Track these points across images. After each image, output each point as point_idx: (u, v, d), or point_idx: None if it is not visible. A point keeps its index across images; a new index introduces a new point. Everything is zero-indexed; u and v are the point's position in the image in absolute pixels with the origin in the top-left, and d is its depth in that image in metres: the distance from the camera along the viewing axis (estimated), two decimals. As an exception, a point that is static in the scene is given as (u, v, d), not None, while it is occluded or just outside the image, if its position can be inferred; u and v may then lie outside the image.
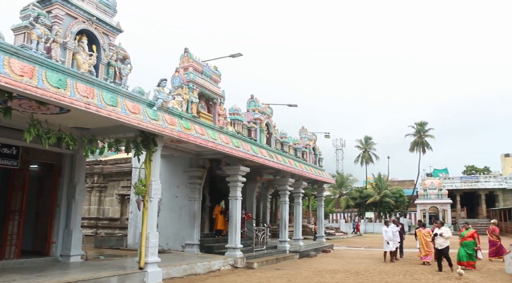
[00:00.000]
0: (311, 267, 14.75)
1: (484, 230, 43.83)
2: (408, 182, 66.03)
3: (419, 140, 58.58)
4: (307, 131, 22.73)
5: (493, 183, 49.14)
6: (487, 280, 11.27)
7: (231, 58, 14.90)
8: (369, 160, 63.49)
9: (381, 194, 52.37)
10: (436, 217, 44.57)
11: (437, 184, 46.08)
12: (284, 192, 18.92)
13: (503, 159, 76.21)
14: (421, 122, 59.16)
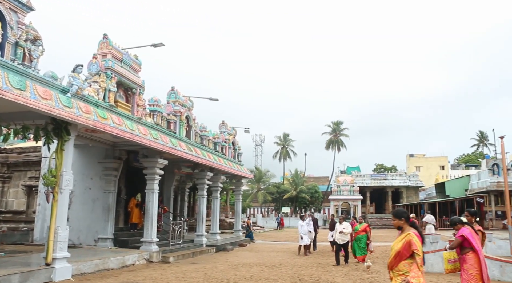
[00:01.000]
0: (227, 260, 14.84)
1: (390, 224, 47.07)
2: (323, 178, 68.93)
3: (335, 139, 61.39)
4: (227, 126, 22.79)
5: (398, 181, 52.75)
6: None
7: (152, 47, 14.49)
8: (287, 156, 65.34)
9: (297, 189, 54.16)
10: (347, 212, 46.99)
11: (350, 180, 48.56)
12: (202, 185, 18.84)
13: (408, 158, 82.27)
14: (337, 122, 62.03)
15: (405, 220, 4.87)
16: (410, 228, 4.81)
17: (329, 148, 61.79)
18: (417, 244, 4.58)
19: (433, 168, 77.96)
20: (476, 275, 6.03)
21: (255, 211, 59.86)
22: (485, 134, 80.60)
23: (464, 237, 6.24)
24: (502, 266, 10.27)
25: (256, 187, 57.85)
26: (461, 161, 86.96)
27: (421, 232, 4.81)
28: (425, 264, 11.68)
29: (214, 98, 21.11)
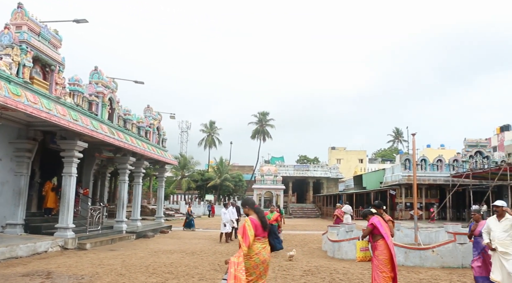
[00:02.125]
0: (147, 247, 14.56)
1: (310, 213, 48.80)
2: (248, 167, 69.70)
3: (261, 129, 62.23)
4: (153, 111, 22.19)
5: (320, 172, 54.74)
6: (307, 257, 12.51)
7: (75, 23, 13.65)
8: (212, 144, 65.16)
9: (221, 177, 54.28)
10: (270, 201, 47.96)
11: (273, 170, 49.50)
12: (124, 170, 18.27)
13: (330, 151, 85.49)
14: (263, 112, 62.87)
15: (249, 207, 5.51)
16: (252, 214, 5.42)
17: (255, 138, 62.59)
18: (246, 228, 5.16)
19: (353, 161, 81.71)
20: (385, 261, 6.42)
21: (179, 198, 59.20)
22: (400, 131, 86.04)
23: (373, 225, 6.61)
24: (406, 252, 11.04)
25: (180, 173, 57.17)
26: (378, 155, 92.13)
27: (262, 218, 5.38)
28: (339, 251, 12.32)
29: (139, 82, 20.42)
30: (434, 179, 37.76)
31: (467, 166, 37.84)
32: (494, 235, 6.87)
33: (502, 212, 6.94)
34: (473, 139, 40.47)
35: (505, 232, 6.78)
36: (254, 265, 5.18)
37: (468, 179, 34.30)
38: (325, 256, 12.93)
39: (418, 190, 37.12)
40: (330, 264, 11.06)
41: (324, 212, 46.24)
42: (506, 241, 6.72)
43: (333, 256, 12.65)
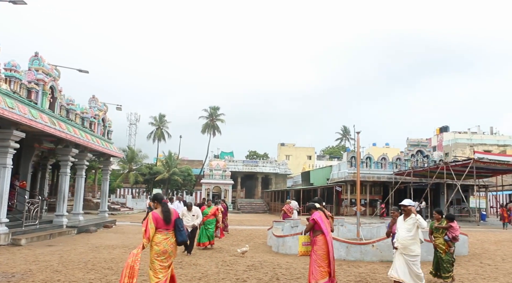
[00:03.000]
0: (88, 242, 14.06)
1: (258, 208, 49.09)
2: (197, 161, 69.10)
3: (211, 123, 61.79)
4: (98, 101, 21.38)
5: (269, 168, 55.18)
6: (252, 252, 12.53)
7: (12, 4, 12.84)
8: (161, 137, 64.00)
9: (170, 171, 53.46)
10: (218, 196, 47.82)
11: (222, 165, 49.39)
12: (66, 162, 17.52)
13: (279, 147, 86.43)
14: (214, 107, 62.45)
15: (157, 202, 6.02)
16: (158, 208, 5.95)
17: (205, 132, 62.07)
18: (147, 221, 5.75)
19: (302, 157, 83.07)
20: (323, 255, 6.52)
21: (125, 192, 57.80)
22: (348, 129, 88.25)
23: (315, 220, 6.70)
24: (348, 247, 11.32)
25: (127, 167, 55.73)
26: (326, 152, 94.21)
27: (165, 212, 5.86)
28: (283, 246, 12.44)
29: (84, 70, 19.59)
30: (378, 176, 39.06)
31: (409, 164, 39.43)
32: (398, 235, 7.02)
33: (408, 211, 7.06)
34: (415, 139, 42.21)
35: (408, 231, 6.88)
36: (155, 254, 5.79)
37: (409, 176, 35.79)
38: (270, 251, 13.02)
39: (362, 187, 38.30)
40: (274, 259, 11.13)
41: (272, 208, 46.69)
42: (408, 241, 6.83)
43: (277, 251, 12.75)
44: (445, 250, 8.52)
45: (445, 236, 8.55)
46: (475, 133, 74.93)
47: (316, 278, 6.39)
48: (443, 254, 8.52)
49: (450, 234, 8.50)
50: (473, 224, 28.95)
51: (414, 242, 6.95)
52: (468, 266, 10.73)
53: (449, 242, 8.52)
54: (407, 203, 7.11)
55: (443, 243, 8.54)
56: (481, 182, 36.16)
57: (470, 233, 17.77)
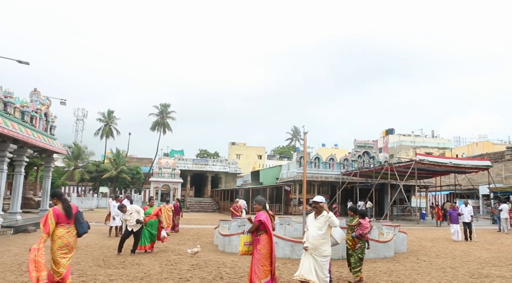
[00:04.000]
0: (26, 243, 13.41)
1: (208, 207, 48.80)
2: (146, 159, 67.78)
3: (161, 121, 60.79)
4: (40, 95, 20.42)
5: (219, 167, 54.97)
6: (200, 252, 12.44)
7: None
8: (110, 134, 62.21)
9: (118, 169, 52.11)
10: (167, 194, 47.13)
11: (172, 163, 48.69)
12: (3, 159, 16.64)
13: (230, 146, 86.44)
14: (165, 104, 61.46)
15: (57, 199, 6.36)
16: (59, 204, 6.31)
17: (155, 130, 60.98)
18: (47, 217, 6.12)
19: (252, 156, 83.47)
20: (266, 255, 6.56)
21: (70, 190, 55.75)
22: (298, 130, 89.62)
23: (261, 221, 6.71)
24: (293, 246, 11.47)
25: (73, 164, 53.77)
26: (277, 152, 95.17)
27: (66, 208, 6.25)
28: (228, 245, 12.43)
29: (24, 62, 18.59)
30: (326, 177, 39.90)
31: (356, 165, 40.58)
32: (309, 233, 6.63)
33: (320, 209, 6.70)
34: (362, 141, 43.49)
35: (319, 230, 6.55)
36: (58, 248, 6.15)
37: (356, 177, 36.82)
38: (216, 250, 12.97)
39: (311, 187, 39.02)
40: (220, 258, 11.10)
41: (222, 207, 46.59)
42: (319, 240, 6.47)
43: (223, 250, 12.73)
44: (351, 246, 8.48)
45: (353, 233, 8.48)
46: (418, 136, 78.35)
47: (259, 277, 6.42)
48: (350, 250, 8.53)
49: (357, 231, 8.39)
50: (414, 222, 30.21)
51: (325, 242, 6.58)
52: (405, 262, 11.16)
53: (355, 239, 8.42)
54: (318, 199, 6.78)
55: (350, 239, 8.51)
56: (422, 182, 37.84)
57: (410, 231, 18.56)
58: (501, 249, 14.98)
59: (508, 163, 40.92)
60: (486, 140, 67.53)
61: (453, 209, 18.20)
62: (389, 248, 12.23)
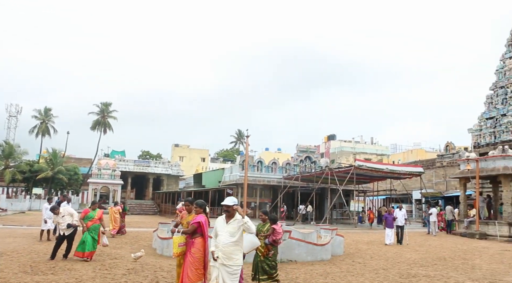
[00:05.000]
0: None
1: (148, 210, 47.80)
2: (86, 160, 65.34)
3: (102, 120, 58.92)
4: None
5: (161, 169, 54.11)
6: (135, 255, 12.14)
7: None
8: (46, 132, 59.38)
9: (54, 169, 49.75)
10: (106, 196, 45.69)
11: (112, 164, 47.35)
12: None
13: (173, 148, 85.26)
14: (106, 103, 59.61)
15: None
16: None
17: (95, 129, 58.98)
18: None
19: (195, 159, 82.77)
20: (200, 258, 6.49)
21: (0, 191, 52.53)
22: (242, 133, 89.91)
23: (200, 223, 6.63)
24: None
25: (4, 163, 50.67)
26: (220, 155, 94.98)
27: None
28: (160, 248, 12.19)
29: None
30: (268, 180, 40.28)
31: (298, 169, 41.30)
32: (219, 240, 5.93)
33: (232, 212, 6.01)
34: (304, 146, 44.35)
35: (231, 236, 5.89)
36: None
37: (297, 181, 37.45)
38: (154, 254, 12.74)
39: (253, 190, 39.24)
40: (157, 262, 10.90)
41: (163, 209, 45.84)
42: (231, 248, 5.85)
43: (161, 254, 12.51)
44: (264, 253, 7.78)
45: (266, 239, 7.84)
46: (358, 143, 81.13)
47: (192, 280, 6.33)
48: (261, 257, 7.78)
49: (271, 238, 7.85)
50: (352, 226, 31.19)
51: (238, 249, 5.92)
52: (341, 265, 11.49)
53: (268, 245, 7.83)
54: (230, 202, 6.05)
55: (263, 245, 7.74)
56: (361, 187, 39.18)
57: (347, 234, 19.11)
58: (429, 250, 15.83)
59: (438, 170, 43.32)
60: (419, 148, 71.16)
61: (388, 213, 18.76)
62: (326, 251, 12.54)
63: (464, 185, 25.35)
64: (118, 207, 18.79)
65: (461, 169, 25.42)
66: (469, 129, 33.35)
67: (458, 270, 11.07)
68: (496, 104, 31.90)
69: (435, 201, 36.69)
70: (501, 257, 14.17)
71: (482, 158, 24.28)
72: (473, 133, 32.97)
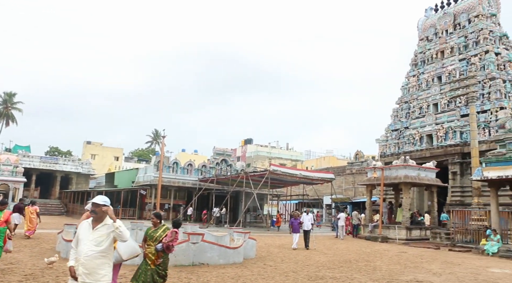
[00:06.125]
0: None
1: (54, 210, 44.92)
2: (-18, 154, 59.86)
3: (5, 111, 54.50)
4: None
5: (70, 166, 51.14)
6: (35, 259, 11.30)
7: None
8: None
9: None
10: (5, 195, 42.18)
11: (14, 160, 43.78)
12: None
13: (85, 145, 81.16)
14: (9, 93, 55.29)
15: None
16: None
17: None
18: None
19: (109, 157, 79.48)
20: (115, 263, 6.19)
21: None
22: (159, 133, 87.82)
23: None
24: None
25: None
26: (135, 154, 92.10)
27: None
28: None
29: None
30: (184, 182, 39.79)
31: (213, 172, 41.26)
32: (81, 250, 4.55)
33: (101, 214, 4.65)
34: (221, 148, 44.43)
35: (97, 245, 4.55)
36: None
37: (213, 183, 37.40)
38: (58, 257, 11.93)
39: (167, 192, 38.52)
40: (60, 266, 10.22)
41: (71, 210, 43.39)
42: (96, 260, 4.49)
43: (66, 257, 11.72)
44: (154, 261, 6.65)
45: (158, 245, 6.68)
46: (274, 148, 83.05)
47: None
48: (151, 265, 6.61)
49: (165, 243, 6.74)
50: (264, 229, 31.73)
51: (106, 263, 4.60)
52: (253, 268, 11.61)
53: (160, 252, 6.70)
54: (100, 200, 4.67)
55: (153, 252, 6.62)
56: (275, 191, 40.09)
57: (260, 238, 19.41)
58: (336, 253, 16.57)
59: (348, 177, 45.62)
60: (332, 155, 74.48)
61: (294, 218, 18.74)
62: (239, 254, 12.60)
63: (370, 191, 26.91)
64: (35, 207, 17.79)
65: (368, 177, 26.96)
66: (377, 140, 35.60)
67: (361, 272, 11.70)
68: (400, 118, 34.40)
69: (344, 206, 38.58)
70: (399, 259, 15.23)
71: (386, 166, 25.99)
72: (380, 143, 35.23)
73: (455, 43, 32.14)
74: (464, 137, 28.06)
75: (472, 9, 32.40)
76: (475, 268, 13.32)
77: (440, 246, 20.38)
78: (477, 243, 19.04)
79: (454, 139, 28.76)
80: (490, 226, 19.04)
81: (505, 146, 18.55)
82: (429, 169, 25.22)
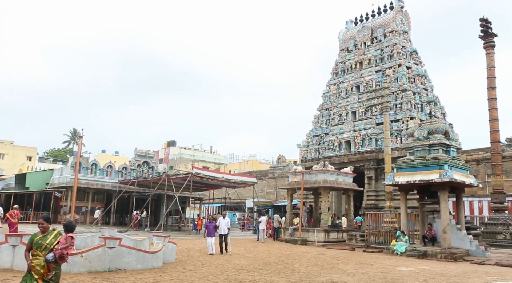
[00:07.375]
0: None
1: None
2: None
3: None
4: None
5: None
6: None
7: None
8: None
9: None
10: None
11: None
12: None
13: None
14: None
15: None
16: None
17: None
18: None
19: (20, 157, 74.20)
20: None
21: None
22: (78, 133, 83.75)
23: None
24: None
25: None
26: (51, 154, 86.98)
27: None
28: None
29: None
30: (103, 184, 38.23)
31: (134, 174, 40.07)
32: None
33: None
34: (143, 150, 43.31)
35: None
36: None
37: (133, 186, 36.31)
38: None
39: (85, 194, 36.81)
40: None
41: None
42: None
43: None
44: (42, 275, 5.62)
45: (48, 254, 5.65)
46: (197, 151, 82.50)
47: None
48: (39, 280, 5.59)
49: (58, 251, 5.71)
50: (186, 233, 31.35)
51: None
52: (172, 272, 11.40)
53: (51, 264, 5.67)
54: None
55: (42, 265, 5.61)
56: (197, 194, 39.75)
57: (181, 242, 19.14)
58: (257, 256, 16.76)
59: (270, 180, 46.51)
60: (255, 159, 75.49)
61: (209, 221, 18.32)
62: (158, 258, 12.32)
63: (291, 195, 27.61)
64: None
65: (289, 181, 27.66)
66: (298, 145, 36.68)
67: (280, 274, 11.93)
68: (321, 124, 35.75)
69: (265, 209, 39.21)
70: (316, 260, 15.75)
71: (307, 171, 26.82)
72: (301, 148, 36.32)
73: (372, 55, 34.12)
74: (379, 144, 29.79)
75: (387, 25, 34.60)
76: (385, 267, 14.14)
77: (356, 248, 21.36)
78: (389, 244, 20.20)
79: (370, 146, 30.45)
80: (400, 227, 20.33)
81: (414, 153, 19.89)
82: (347, 174, 26.43)
